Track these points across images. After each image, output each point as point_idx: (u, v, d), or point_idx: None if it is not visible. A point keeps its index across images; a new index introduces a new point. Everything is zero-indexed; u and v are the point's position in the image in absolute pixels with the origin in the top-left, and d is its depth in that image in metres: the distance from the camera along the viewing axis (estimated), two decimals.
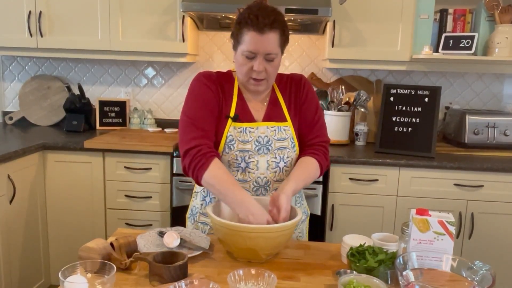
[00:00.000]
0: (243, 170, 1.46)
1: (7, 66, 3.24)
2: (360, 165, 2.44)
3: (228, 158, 1.45)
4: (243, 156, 1.44)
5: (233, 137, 1.44)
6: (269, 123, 1.48)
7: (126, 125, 3.15)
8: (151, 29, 2.72)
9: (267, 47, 1.35)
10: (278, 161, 1.47)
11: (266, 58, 1.37)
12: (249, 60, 1.38)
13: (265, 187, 1.48)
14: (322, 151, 1.52)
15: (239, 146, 1.44)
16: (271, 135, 1.46)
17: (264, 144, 1.45)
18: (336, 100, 2.78)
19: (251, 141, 1.45)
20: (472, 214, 2.43)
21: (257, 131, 1.46)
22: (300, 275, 1.20)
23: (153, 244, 1.31)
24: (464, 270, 1.00)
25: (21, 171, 2.37)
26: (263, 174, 1.47)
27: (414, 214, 1.10)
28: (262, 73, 1.39)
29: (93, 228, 2.62)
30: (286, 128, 1.49)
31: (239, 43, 1.38)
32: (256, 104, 1.51)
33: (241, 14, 1.38)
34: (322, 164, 1.50)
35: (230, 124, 1.45)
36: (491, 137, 2.68)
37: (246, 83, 1.44)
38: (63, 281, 0.95)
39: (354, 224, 2.50)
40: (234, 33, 1.41)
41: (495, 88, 3.04)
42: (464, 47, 2.57)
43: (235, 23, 1.40)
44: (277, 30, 1.35)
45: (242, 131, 1.45)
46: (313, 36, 3.05)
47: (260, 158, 1.45)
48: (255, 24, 1.33)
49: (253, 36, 1.34)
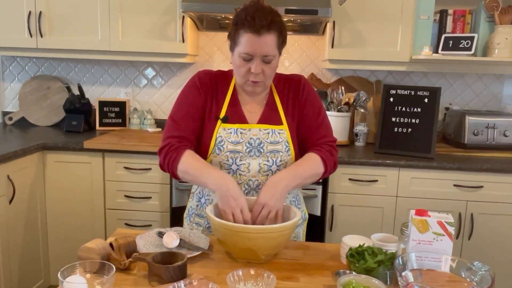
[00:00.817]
0: (234, 172, 1.44)
1: (7, 66, 3.24)
2: (360, 166, 2.44)
3: (219, 159, 1.43)
4: (234, 157, 1.43)
5: (223, 138, 1.43)
6: (262, 125, 1.46)
7: (125, 126, 3.15)
8: (151, 30, 2.72)
9: (264, 49, 1.33)
10: (271, 164, 1.45)
11: (263, 60, 1.36)
12: (246, 62, 1.36)
13: (256, 190, 1.46)
14: (326, 148, 1.47)
15: (229, 147, 1.42)
16: (264, 138, 1.44)
17: (256, 146, 1.44)
18: (336, 100, 2.78)
19: (242, 143, 1.43)
20: (472, 215, 2.43)
21: (249, 132, 1.44)
22: (299, 275, 1.20)
23: (152, 244, 1.31)
24: (463, 270, 1.00)
25: (20, 171, 2.37)
26: (254, 176, 1.45)
27: (413, 214, 1.10)
28: (259, 76, 1.38)
29: (93, 228, 2.62)
30: (281, 131, 1.46)
31: (236, 44, 1.37)
32: (252, 106, 1.49)
33: (237, 15, 1.36)
34: (325, 159, 1.44)
35: (219, 125, 1.44)
36: (490, 138, 2.68)
37: (244, 85, 1.43)
38: (62, 281, 0.95)
39: (354, 225, 2.50)
40: (231, 34, 1.39)
41: (495, 88, 3.04)
42: (464, 47, 2.57)
43: (232, 24, 1.38)
44: (274, 32, 1.34)
45: (233, 132, 1.44)
46: (313, 37, 3.05)
47: (251, 160, 1.44)
48: (252, 25, 1.31)
49: (250, 38, 1.32)
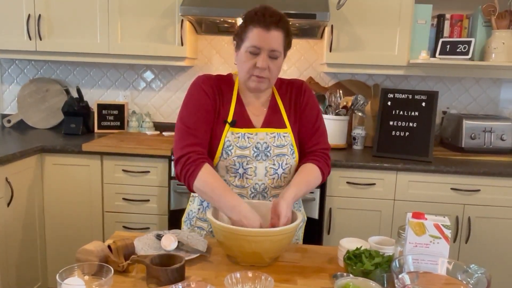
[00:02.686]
0: (241, 176, 1.45)
1: (5, 69, 3.24)
2: (358, 169, 2.45)
3: (226, 164, 1.44)
4: (241, 162, 1.43)
5: (231, 142, 1.43)
6: (268, 129, 1.47)
7: (124, 128, 3.15)
8: (149, 33, 2.73)
9: (272, 43, 1.35)
10: (277, 168, 1.46)
11: (270, 56, 1.37)
12: (253, 56, 1.37)
13: (262, 194, 1.47)
14: (323, 158, 1.51)
15: (237, 152, 1.43)
16: (270, 142, 1.45)
17: (263, 151, 1.45)
18: (334, 104, 2.79)
19: (249, 147, 1.44)
20: (469, 218, 2.44)
21: (256, 137, 1.45)
22: (297, 278, 1.20)
23: (150, 246, 1.31)
24: (459, 273, 1.01)
25: (19, 174, 2.37)
26: (261, 180, 1.46)
27: (410, 217, 1.11)
28: (265, 71, 1.38)
29: (91, 231, 2.62)
30: (286, 134, 1.48)
31: (243, 40, 1.38)
32: (255, 109, 1.50)
33: (246, 14, 1.39)
34: (323, 171, 1.49)
35: (227, 129, 1.44)
36: (488, 142, 2.69)
37: (248, 80, 1.42)
38: (60, 283, 0.95)
39: (352, 228, 2.50)
40: (239, 33, 1.41)
41: (492, 93, 3.05)
42: (461, 52, 2.59)
43: (241, 24, 1.40)
44: (282, 30, 1.37)
45: (241, 136, 1.44)
46: (311, 41, 3.06)
47: (258, 164, 1.44)
48: (262, 21, 1.34)
49: (259, 32, 1.35)
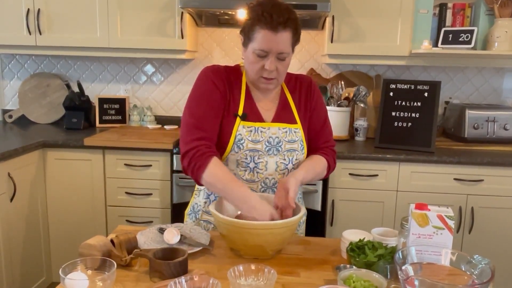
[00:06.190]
0: (252, 170, 1.44)
1: (6, 64, 3.24)
2: (360, 161, 2.44)
3: (237, 158, 1.42)
4: (252, 156, 1.42)
5: (242, 136, 1.41)
6: (280, 124, 1.46)
7: (125, 122, 3.15)
8: (149, 26, 2.71)
9: (279, 46, 1.32)
10: (287, 163, 1.46)
11: (277, 57, 1.35)
12: (260, 58, 1.35)
13: (272, 188, 1.47)
14: (331, 153, 1.54)
15: (249, 146, 1.41)
16: (282, 137, 1.45)
17: (274, 145, 1.44)
18: (335, 95, 2.78)
19: (261, 141, 1.43)
20: (472, 209, 2.44)
21: (269, 131, 1.44)
22: (300, 270, 1.20)
23: (153, 240, 1.31)
24: (463, 264, 1.00)
25: (21, 169, 2.37)
26: (271, 175, 1.45)
27: (413, 208, 1.10)
28: (273, 73, 1.37)
29: (94, 225, 2.63)
30: (297, 130, 1.48)
31: (250, 40, 1.35)
32: (265, 104, 1.49)
33: (253, 10, 1.34)
34: (330, 165, 1.52)
35: (238, 122, 1.42)
36: (491, 132, 2.68)
37: (257, 81, 1.41)
38: (63, 278, 0.95)
39: (354, 220, 2.50)
40: (245, 30, 1.37)
41: (495, 82, 3.03)
42: (464, 41, 2.57)
43: (247, 19, 1.36)
44: (290, 29, 1.33)
45: (253, 130, 1.43)
46: (312, 32, 3.04)
47: (269, 159, 1.44)
48: (269, 22, 1.29)
49: (266, 35, 1.31)
